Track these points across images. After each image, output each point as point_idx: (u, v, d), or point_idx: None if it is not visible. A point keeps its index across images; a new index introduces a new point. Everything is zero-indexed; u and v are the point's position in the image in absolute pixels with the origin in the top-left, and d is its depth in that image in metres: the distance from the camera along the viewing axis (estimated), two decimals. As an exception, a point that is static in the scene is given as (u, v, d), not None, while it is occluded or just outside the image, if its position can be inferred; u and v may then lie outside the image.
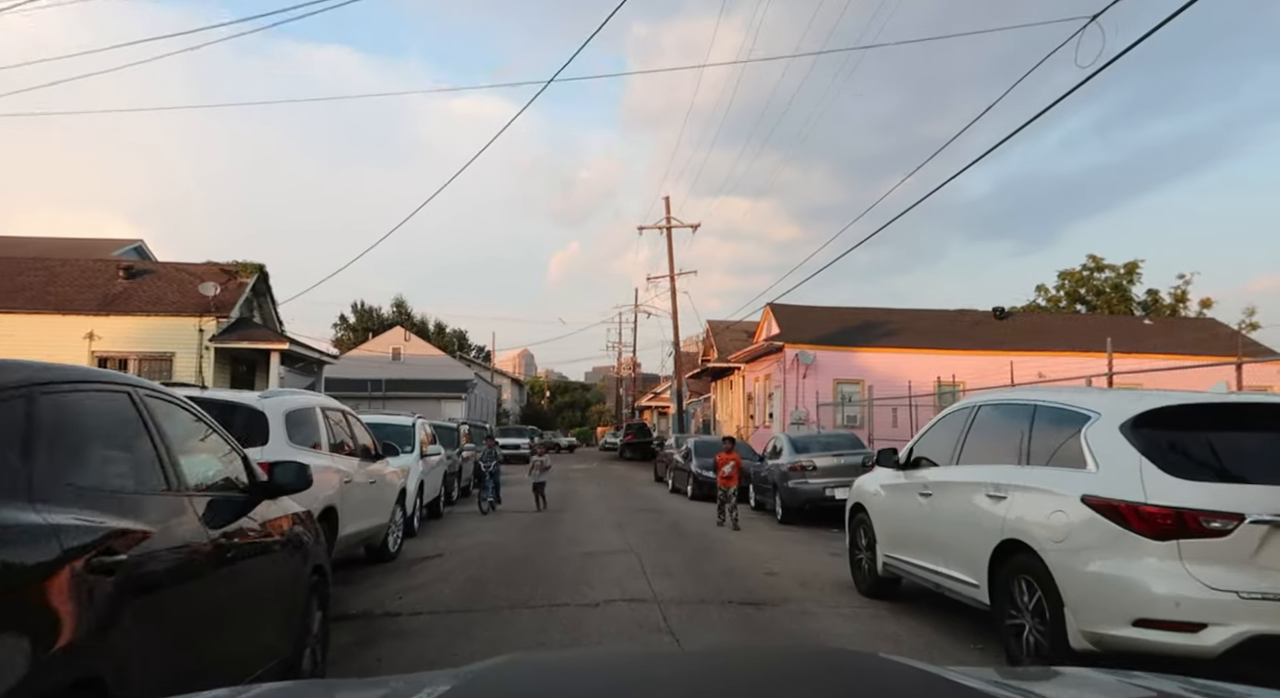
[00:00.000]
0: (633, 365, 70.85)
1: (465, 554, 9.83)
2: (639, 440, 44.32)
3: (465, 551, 10.15)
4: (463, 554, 9.84)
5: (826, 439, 14.08)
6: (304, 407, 6.98)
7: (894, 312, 32.12)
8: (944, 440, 6.30)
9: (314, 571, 4.30)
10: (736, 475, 12.62)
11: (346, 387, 40.34)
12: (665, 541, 11.16)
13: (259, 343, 23.20)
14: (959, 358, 27.88)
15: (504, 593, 7.38)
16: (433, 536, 11.47)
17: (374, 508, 8.36)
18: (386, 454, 8.99)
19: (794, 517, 13.35)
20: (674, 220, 39.15)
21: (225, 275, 24.53)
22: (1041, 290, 38.33)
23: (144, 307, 22.91)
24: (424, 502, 12.18)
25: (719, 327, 40.57)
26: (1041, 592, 4.53)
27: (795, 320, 30.44)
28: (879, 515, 7.01)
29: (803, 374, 28.39)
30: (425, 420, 14.10)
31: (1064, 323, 31.83)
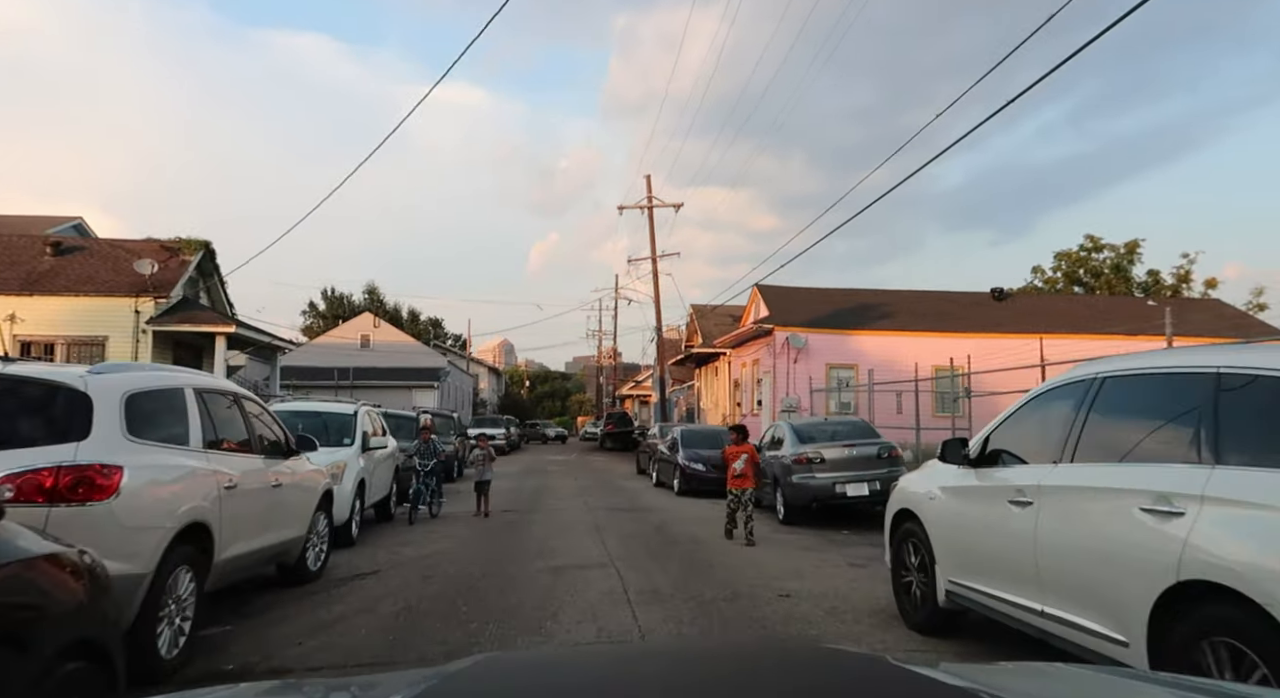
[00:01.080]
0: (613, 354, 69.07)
1: (406, 571, 8.01)
2: (620, 430, 42.71)
3: (407, 565, 8.32)
4: (403, 571, 8.02)
5: (834, 428, 12.35)
6: (158, 388, 5.11)
7: (888, 293, 30.57)
8: (1042, 429, 4.58)
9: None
10: (752, 474, 10.04)
11: (311, 375, 38.30)
12: (652, 549, 9.40)
13: (202, 326, 21.14)
14: (957, 341, 26.33)
15: (442, 632, 5.59)
16: (374, 545, 9.63)
17: (280, 518, 6.52)
18: (302, 449, 7.13)
19: (798, 516, 11.65)
20: (655, 200, 37.33)
21: (166, 253, 22.39)
22: (1038, 272, 36.90)
23: (73, 286, 20.75)
24: (366, 503, 10.33)
25: (703, 311, 38.82)
26: (1267, 667, 2.81)
27: (785, 302, 28.80)
28: (940, 528, 5.27)
29: (793, 359, 26.78)
30: (373, 408, 12.21)
31: (1065, 304, 30.44)
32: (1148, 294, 33.53)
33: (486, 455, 12.89)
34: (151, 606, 4.44)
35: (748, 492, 9.94)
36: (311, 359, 42.36)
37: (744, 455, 10.10)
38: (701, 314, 39.01)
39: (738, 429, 10.69)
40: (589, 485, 18.66)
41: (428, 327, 67.55)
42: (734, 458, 10.15)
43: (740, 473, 10.02)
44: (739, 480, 10.01)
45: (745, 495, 9.92)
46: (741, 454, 10.11)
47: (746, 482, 9.99)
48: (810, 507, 11.34)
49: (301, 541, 7.09)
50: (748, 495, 9.92)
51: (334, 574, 7.78)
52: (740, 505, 9.89)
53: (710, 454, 16.58)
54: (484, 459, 12.84)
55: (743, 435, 10.45)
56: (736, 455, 10.15)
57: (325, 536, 7.74)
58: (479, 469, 12.74)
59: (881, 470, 11.26)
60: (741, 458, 10.08)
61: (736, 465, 10.07)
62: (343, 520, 9.20)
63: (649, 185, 37.35)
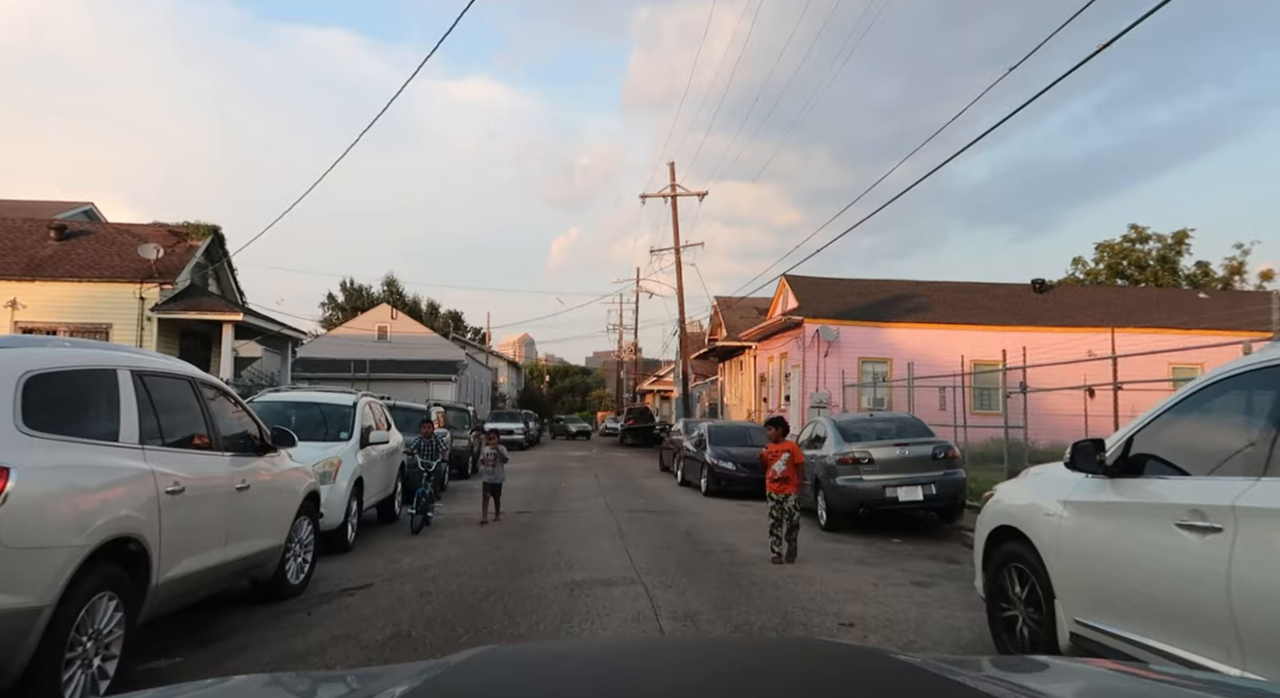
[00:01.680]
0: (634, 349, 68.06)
1: (403, 585, 6.99)
2: (640, 426, 41.71)
3: (405, 578, 7.31)
4: (399, 585, 7.00)
5: (882, 424, 11.17)
6: (77, 369, 4.10)
7: (922, 284, 29.21)
8: (1219, 430, 3.48)
9: None
10: (795, 477, 8.43)
11: (328, 367, 37.63)
12: (683, 560, 8.32)
13: (208, 314, 20.30)
14: (997, 334, 25.16)
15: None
16: (371, 551, 8.63)
17: (250, 526, 5.51)
18: (279, 444, 6.11)
19: (842, 522, 10.53)
20: (679, 188, 36.19)
21: (174, 238, 21.60)
22: (1078, 264, 35.27)
23: (77, 271, 20.00)
24: (365, 504, 9.34)
25: (728, 303, 37.63)
26: None
27: (814, 293, 27.60)
28: (1064, 555, 4.13)
29: (824, 352, 25.60)
30: (377, 399, 11.22)
31: (1111, 296, 28.91)
32: (1196, 286, 31.89)
33: (497, 456, 11.10)
34: (54, 646, 3.44)
35: (790, 498, 8.33)
36: (328, 351, 41.73)
37: (784, 455, 8.40)
38: (726, 306, 37.83)
39: (776, 423, 8.82)
40: (610, 484, 17.61)
41: (447, 320, 66.88)
42: (773, 458, 8.47)
43: (781, 476, 8.41)
44: (780, 485, 8.38)
45: (788, 503, 8.31)
46: (781, 453, 8.42)
47: (789, 486, 8.37)
48: (858, 513, 10.20)
49: (279, 551, 6.08)
50: (791, 503, 8.31)
51: (320, 588, 6.78)
52: (783, 514, 8.28)
53: (740, 452, 15.50)
54: (494, 459, 11.07)
55: (782, 430, 8.73)
56: (776, 455, 8.46)
57: (310, 543, 6.73)
58: (489, 470, 11.07)
59: (937, 473, 10.10)
60: (782, 458, 8.39)
61: (776, 467, 8.42)
62: (336, 524, 8.22)
63: (672, 173, 36.03)
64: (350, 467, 8.66)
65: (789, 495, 8.40)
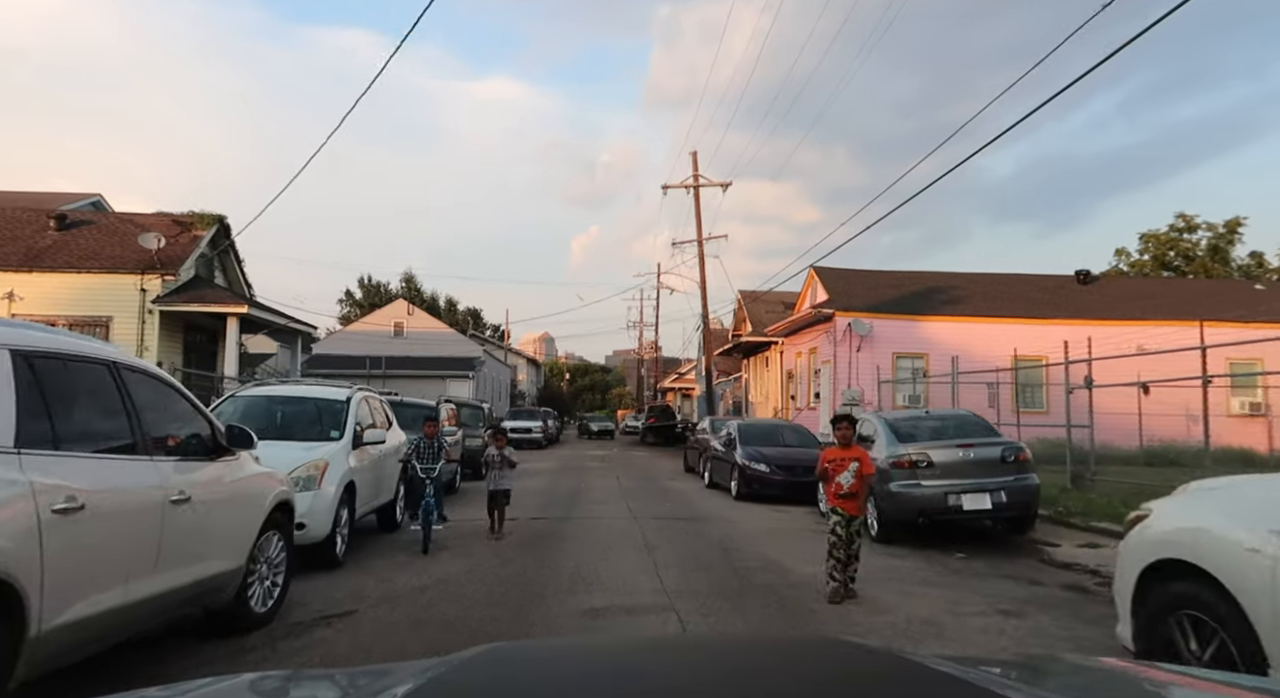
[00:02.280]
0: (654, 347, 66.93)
1: (393, 611, 5.91)
2: (662, 424, 40.60)
3: (397, 602, 6.22)
4: (390, 611, 5.92)
5: (938, 423, 9.93)
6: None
7: (958, 276, 27.82)
8: None
9: None
10: (863, 492, 6.64)
11: (343, 364, 36.81)
12: (722, 581, 7.16)
13: (211, 306, 19.43)
14: (1039, 328, 23.90)
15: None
16: (363, 567, 7.55)
17: (193, 547, 4.44)
18: (236, 445, 5.03)
19: (897, 533, 9.32)
20: (702, 179, 34.99)
21: (178, 228, 20.75)
22: (1121, 255, 33.60)
23: (76, 262, 19.18)
24: (358, 512, 8.27)
25: (752, 297, 36.38)
26: None
27: (845, 285, 26.31)
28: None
29: (856, 347, 24.34)
30: (376, 394, 10.16)
31: (1160, 288, 27.39)
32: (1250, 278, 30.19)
33: (503, 459, 9.48)
34: None
35: (857, 521, 6.54)
36: (343, 348, 40.98)
37: (854, 463, 6.46)
38: (750, 301, 36.59)
39: (844, 420, 6.77)
40: (633, 487, 16.47)
41: (466, 317, 66.13)
42: (837, 466, 6.49)
43: (848, 490, 6.45)
44: (845, 500, 6.44)
45: (855, 525, 6.48)
46: (848, 461, 6.47)
47: (853, 504, 6.47)
48: (916, 523, 9.00)
49: (238, 574, 5.01)
50: (857, 525, 6.51)
51: (294, 615, 5.71)
52: (842, 538, 6.39)
53: (773, 453, 14.33)
54: (500, 463, 9.48)
55: (852, 430, 6.78)
56: (842, 462, 6.48)
57: (281, 563, 5.65)
58: (494, 475, 9.51)
59: (1007, 478, 8.87)
60: (851, 467, 6.45)
61: (843, 478, 6.44)
62: (321, 536, 7.16)
63: (695, 163, 34.84)
64: (339, 470, 7.59)
65: (856, 519, 6.55)
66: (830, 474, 6.62)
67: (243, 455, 5.20)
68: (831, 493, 6.69)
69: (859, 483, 6.56)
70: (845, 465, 6.53)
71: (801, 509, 12.63)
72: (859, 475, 6.55)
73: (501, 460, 9.55)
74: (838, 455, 6.65)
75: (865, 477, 6.63)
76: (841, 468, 6.55)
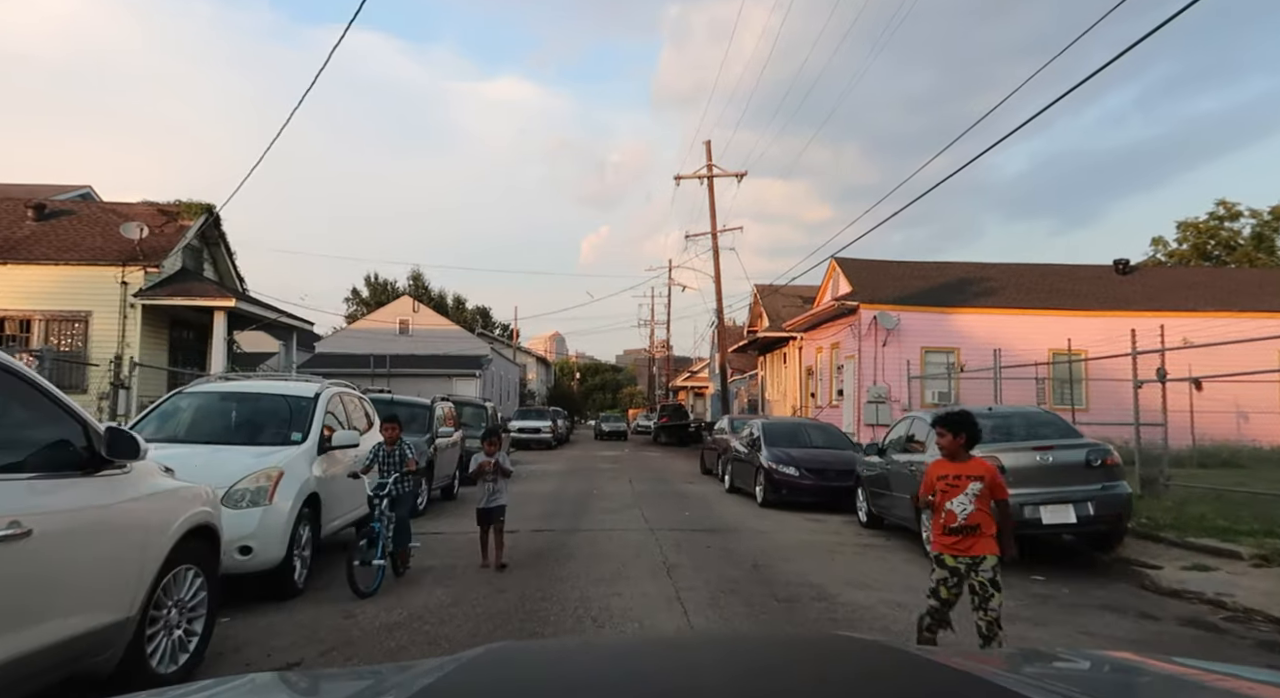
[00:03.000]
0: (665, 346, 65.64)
1: (350, 660, 4.62)
2: (675, 423, 39.38)
3: (358, 645, 4.94)
4: (345, 659, 4.63)
5: (1007, 421, 8.52)
6: None
7: (990, 266, 26.35)
8: None
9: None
10: (992, 525, 4.37)
11: (347, 362, 35.69)
12: (759, 611, 5.84)
13: (197, 299, 18.23)
14: (1076, 320, 22.55)
15: None
16: (327, 596, 6.26)
17: (34, 598, 3.15)
18: (118, 455, 3.73)
19: (958, 551, 7.93)
20: (715, 168, 33.66)
21: (163, 218, 19.59)
22: (1158, 244, 31.94)
23: (53, 254, 18.03)
24: (326, 529, 6.98)
25: (768, 291, 34.97)
26: None
27: (868, 277, 24.93)
28: None
29: (882, 341, 22.97)
30: (352, 390, 8.89)
31: (1204, 278, 25.83)
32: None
33: (495, 469, 7.53)
34: None
35: (989, 563, 4.28)
36: (347, 346, 39.89)
37: (974, 483, 4.37)
38: (767, 295, 35.18)
39: (955, 422, 4.51)
40: (647, 491, 15.14)
41: (475, 315, 65.02)
42: (951, 486, 4.40)
43: (964, 522, 4.32)
44: (965, 540, 4.32)
45: (983, 571, 4.27)
46: (968, 478, 4.39)
47: (982, 542, 4.30)
48: (984, 539, 7.62)
49: (125, 627, 3.73)
50: (988, 573, 4.27)
51: (218, 667, 4.43)
52: (983, 596, 4.26)
53: (801, 455, 12.99)
54: (492, 474, 7.53)
55: (969, 435, 4.49)
56: (957, 482, 4.39)
57: (200, 605, 4.36)
58: (485, 489, 7.54)
59: (1094, 486, 7.49)
60: (970, 488, 4.35)
61: (956, 504, 4.35)
62: (274, 561, 5.90)
63: (709, 152, 33.52)
64: (298, 480, 6.30)
65: (985, 559, 4.28)
66: (938, 501, 4.44)
67: (137, 469, 3.92)
68: (938, 528, 4.47)
69: (984, 510, 4.34)
70: (962, 485, 4.38)
71: (837, 518, 11.29)
72: (983, 499, 4.34)
73: (493, 472, 7.56)
74: (949, 472, 4.45)
75: (1000, 504, 4.44)
76: (955, 490, 4.38)
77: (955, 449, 4.49)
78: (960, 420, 4.51)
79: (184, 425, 7.03)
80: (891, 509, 9.75)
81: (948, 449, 4.53)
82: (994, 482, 4.43)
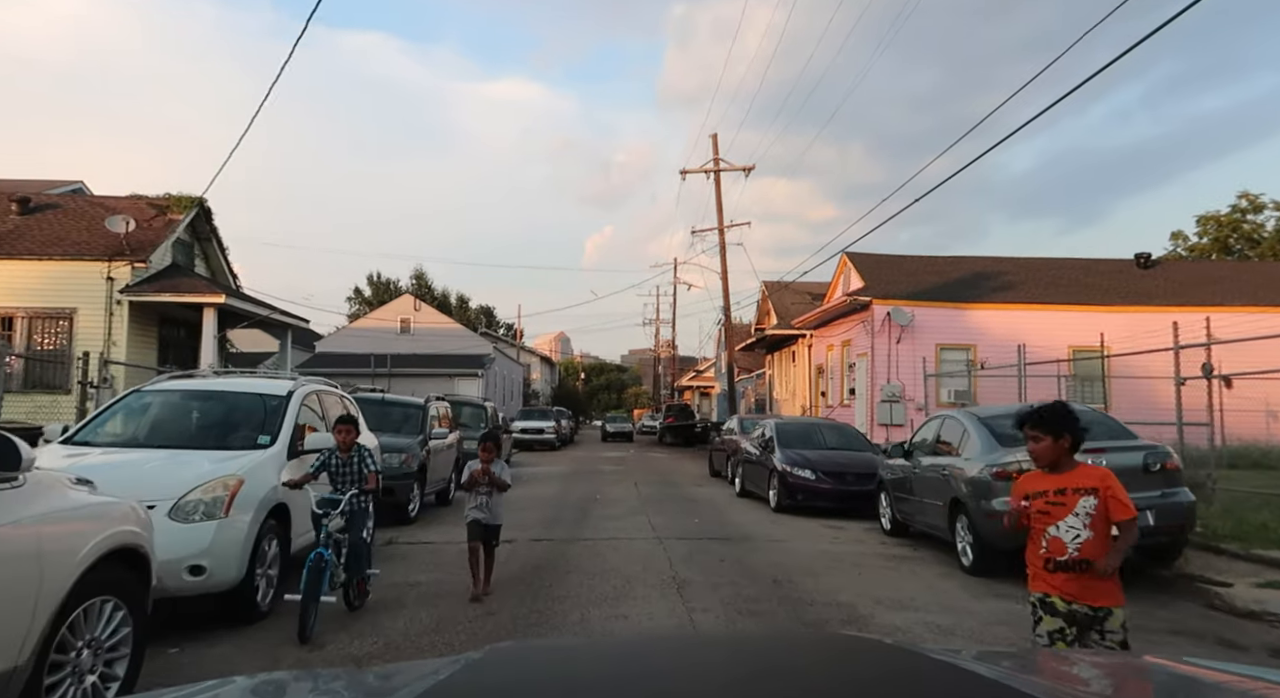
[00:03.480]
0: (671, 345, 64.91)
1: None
2: (681, 423, 38.66)
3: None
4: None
5: (1052, 421, 7.81)
6: None
7: (1005, 261, 25.56)
8: None
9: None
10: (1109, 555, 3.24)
11: (347, 362, 35.05)
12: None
13: (185, 295, 17.54)
14: (1098, 315, 21.75)
15: None
16: (290, 620, 5.52)
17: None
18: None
19: (999, 563, 7.22)
20: (722, 162, 32.91)
21: (152, 211, 18.93)
22: (1178, 238, 31.02)
23: (37, 249, 17.38)
24: (297, 544, 6.25)
25: (776, 287, 34.20)
26: None
27: (881, 271, 24.17)
28: None
29: (896, 338, 22.21)
30: (332, 388, 8.16)
31: (1229, 272, 25.01)
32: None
33: (489, 482, 6.36)
34: None
35: (1114, 622, 3.29)
36: (348, 345, 39.26)
37: (1085, 497, 3.28)
38: (775, 291, 34.40)
39: (1051, 418, 3.38)
40: (653, 495, 14.40)
41: (479, 315, 64.39)
42: (1053, 505, 3.32)
43: (1074, 556, 3.25)
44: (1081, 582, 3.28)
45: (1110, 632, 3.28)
46: (1075, 494, 3.29)
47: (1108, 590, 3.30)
48: (1030, 552, 6.87)
49: (14, 678, 3.01)
50: (1118, 635, 3.30)
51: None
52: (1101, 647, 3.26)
53: (818, 457, 12.23)
54: (486, 487, 6.37)
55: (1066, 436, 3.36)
56: (1061, 497, 3.31)
57: (122, 643, 3.64)
58: (476, 503, 6.38)
59: (1152, 493, 6.72)
60: (1080, 506, 3.27)
61: (1064, 529, 3.28)
62: (230, 581, 5.18)
63: (715, 146, 32.73)
64: (262, 488, 5.57)
65: (1112, 614, 3.29)
66: (1035, 526, 3.35)
67: (32, 483, 3.19)
68: (1037, 561, 3.36)
69: (1101, 539, 3.22)
70: (1068, 505, 3.26)
71: (858, 525, 10.54)
72: (1101, 521, 3.24)
73: (487, 484, 6.35)
74: (1049, 486, 3.33)
75: (1124, 528, 3.29)
76: (1060, 510, 3.26)
77: (1057, 456, 3.36)
78: (1061, 417, 3.37)
79: (138, 428, 6.33)
80: (918, 516, 9.00)
81: (1046, 456, 3.37)
82: (1114, 495, 3.28)
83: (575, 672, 1.31)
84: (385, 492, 9.36)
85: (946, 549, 8.19)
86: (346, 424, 5.80)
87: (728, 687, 1.22)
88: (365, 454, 5.76)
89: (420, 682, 1.19)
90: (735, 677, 1.26)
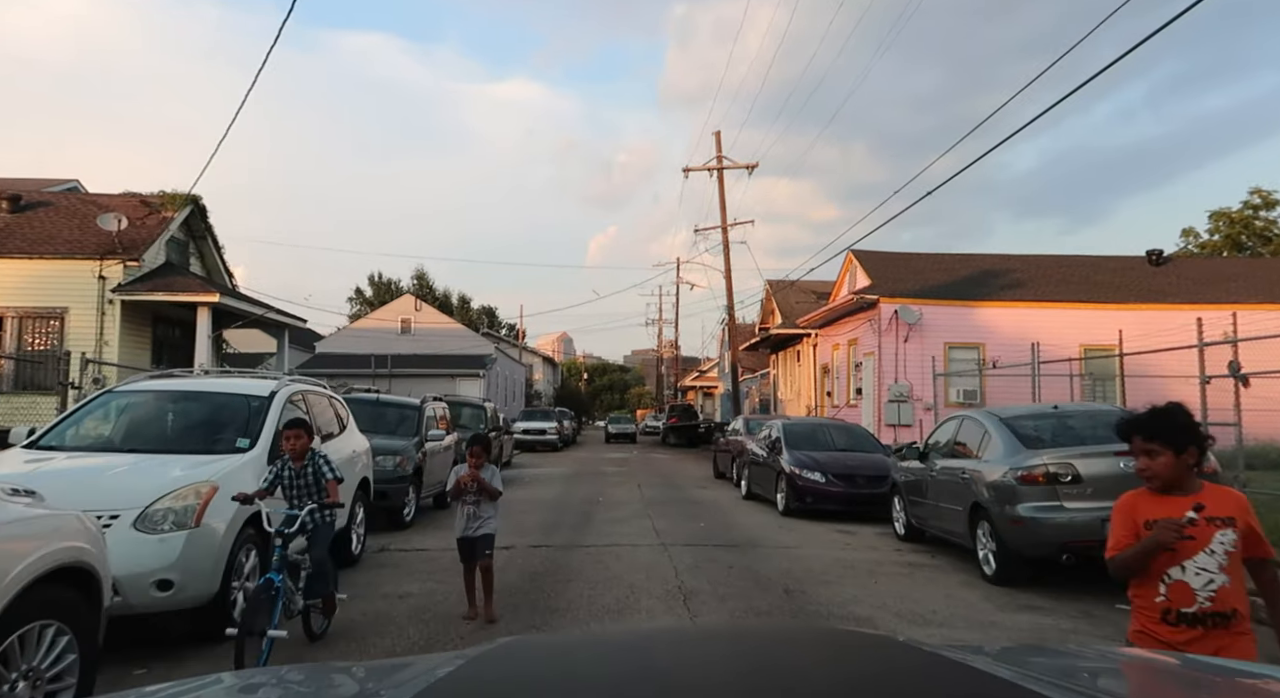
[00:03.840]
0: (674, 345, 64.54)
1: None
2: (684, 424, 38.29)
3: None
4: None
5: (1080, 421, 7.37)
6: None
7: (1014, 258, 25.15)
8: None
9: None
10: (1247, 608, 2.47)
11: (347, 363, 34.75)
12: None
13: (178, 294, 17.19)
14: (1109, 313, 21.33)
15: None
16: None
17: None
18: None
19: (1022, 573, 6.83)
20: (725, 160, 32.52)
21: (145, 209, 18.57)
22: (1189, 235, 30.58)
23: (27, 247, 17.04)
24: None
25: (780, 286, 33.79)
26: None
27: (888, 269, 23.77)
28: None
29: (903, 337, 21.81)
30: (319, 388, 7.78)
31: (1243, 269, 24.56)
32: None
33: (479, 490, 5.76)
34: None
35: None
36: (348, 346, 38.94)
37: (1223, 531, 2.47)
38: (779, 290, 34.01)
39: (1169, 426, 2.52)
40: (657, 498, 14.01)
41: (480, 315, 64.03)
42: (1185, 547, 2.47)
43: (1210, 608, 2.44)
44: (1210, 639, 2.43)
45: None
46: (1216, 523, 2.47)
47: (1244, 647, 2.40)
48: (1059, 560, 6.48)
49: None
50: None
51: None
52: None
53: (827, 459, 11.85)
54: (474, 495, 5.77)
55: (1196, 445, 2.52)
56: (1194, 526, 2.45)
57: (67, 670, 3.27)
58: (464, 514, 5.83)
59: (1189, 498, 6.34)
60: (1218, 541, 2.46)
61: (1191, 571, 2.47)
62: (203, 596, 4.82)
63: (718, 143, 32.34)
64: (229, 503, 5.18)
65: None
66: (1154, 563, 2.52)
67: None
68: (1151, 611, 2.54)
69: (1239, 585, 2.49)
70: (1199, 541, 2.47)
71: (869, 529, 10.15)
72: (1239, 563, 2.49)
73: (477, 493, 5.73)
74: (1161, 510, 2.51)
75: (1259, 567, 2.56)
76: (1188, 547, 2.47)
77: (1180, 476, 2.52)
78: (1181, 424, 2.54)
79: (109, 431, 5.96)
80: (934, 520, 8.61)
81: (1164, 475, 2.52)
82: (1252, 528, 2.52)
83: (580, 666, 1.30)
84: (379, 496, 9.04)
85: (965, 556, 7.79)
86: (295, 428, 5.01)
87: (733, 681, 1.21)
88: (321, 461, 4.99)
89: (421, 678, 1.18)
90: (741, 671, 1.25)
